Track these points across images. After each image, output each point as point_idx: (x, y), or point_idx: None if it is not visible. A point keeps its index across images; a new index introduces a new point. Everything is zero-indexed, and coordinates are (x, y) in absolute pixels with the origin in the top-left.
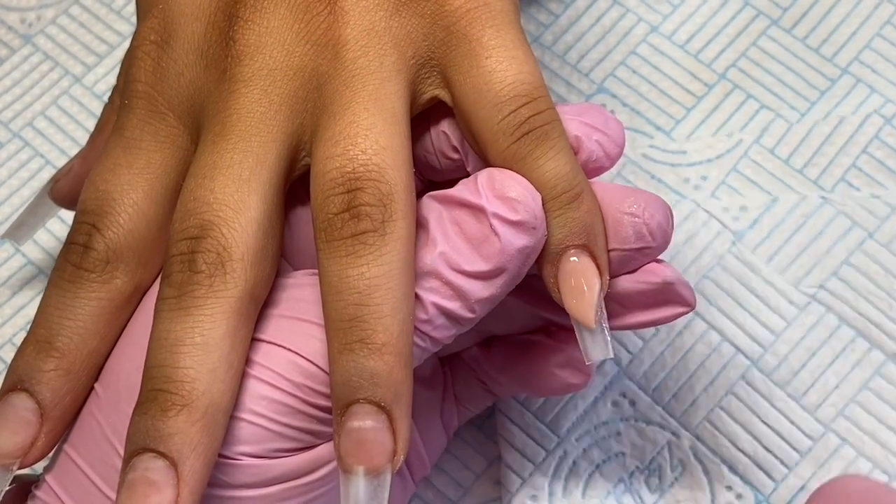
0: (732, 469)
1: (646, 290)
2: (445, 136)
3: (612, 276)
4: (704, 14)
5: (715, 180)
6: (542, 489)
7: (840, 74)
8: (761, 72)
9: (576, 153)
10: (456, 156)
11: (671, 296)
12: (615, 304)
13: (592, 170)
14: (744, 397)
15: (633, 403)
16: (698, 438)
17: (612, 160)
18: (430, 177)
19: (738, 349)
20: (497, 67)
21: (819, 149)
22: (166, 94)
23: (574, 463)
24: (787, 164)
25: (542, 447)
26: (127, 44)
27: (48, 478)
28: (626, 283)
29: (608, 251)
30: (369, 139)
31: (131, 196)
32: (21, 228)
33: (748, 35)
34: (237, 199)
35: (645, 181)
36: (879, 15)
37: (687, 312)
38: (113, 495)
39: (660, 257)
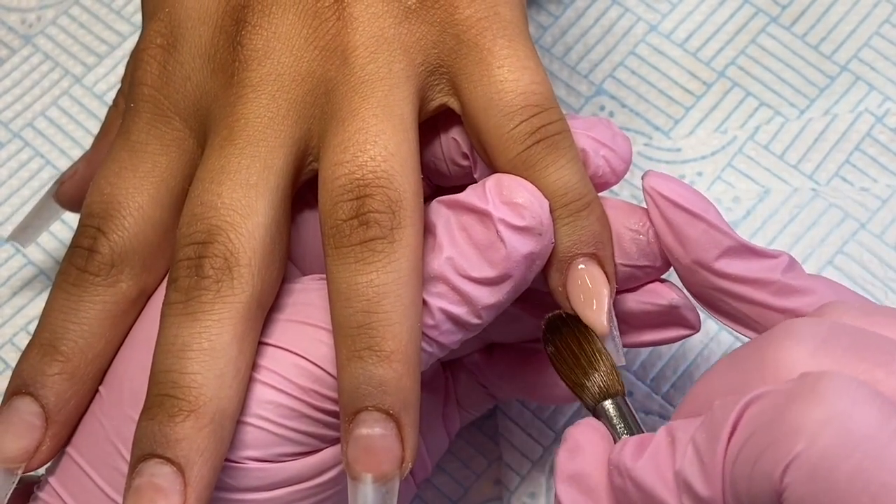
0: None
1: (651, 312)
2: (455, 143)
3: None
4: (703, 12)
5: (710, 176)
6: (539, 486)
7: (839, 72)
8: (760, 69)
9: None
10: (465, 162)
11: (676, 318)
12: (620, 323)
13: (597, 185)
14: None
15: (630, 394)
16: None
17: (618, 176)
18: (439, 182)
19: (737, 338)
20: (509, 77)
21: (813, 145)
22: (172, 97)
23: None
24: (781, 160)
25: (539, 444)
26: (127, 44)
27: (51, 479)
28: (632, 303)
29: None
30: (378, 145)
31: (136, 200)
32: (26, 231)
33: (747, 32)
34: (244, 204)
35: (640, 179)
36: (878, 13)
37: (691, 335)
38: (116, 497)
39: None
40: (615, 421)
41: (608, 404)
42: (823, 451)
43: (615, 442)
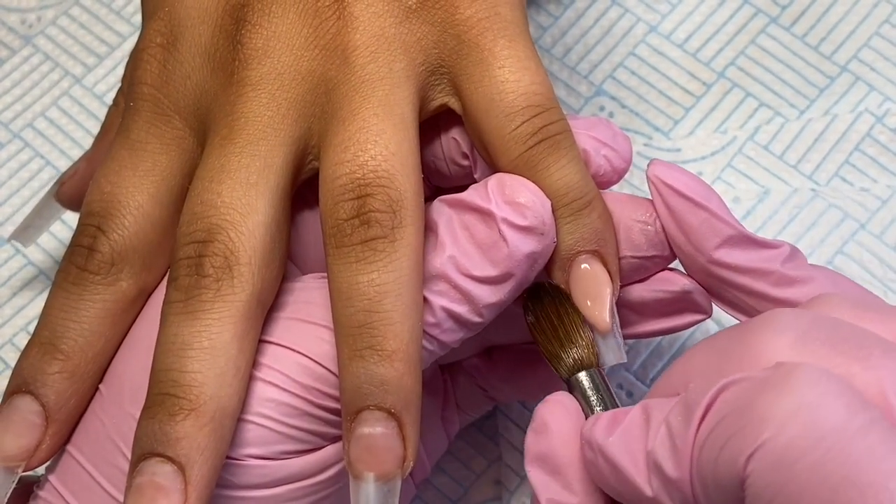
0: None
1: (663, 299)
2: (455, 143)
3: (624, 283)
4: (703, 12)
5: (710, 177)
6: None
7: (839, 72)
8: (760, 70)
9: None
10: (465, 162)
11: (688, 304)
12: (631, 313)
13: (599, 184)
14: None
15: (630, 394)
16: None
17: (620, 175)
18: (439, 183)
19: None
20: (509, 77)
21: (813, 145)
22: (172, 96)
23: None
24: (781, 160)
25: None
26: (127, 45)
27: (51, 478)
28: (644, 291)
29: (620, 258)
30: (379, 145)
31: (136, 198)
32: (27, 231)
33: (747, 33)
34: (245, 202)
35: (640, 178)
36: (878, 14)
37: (703, 320)
38: (117, 495)
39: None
40: (589, 393)
41: (582, 376)
42: (789, 442)
43: (587, 415)
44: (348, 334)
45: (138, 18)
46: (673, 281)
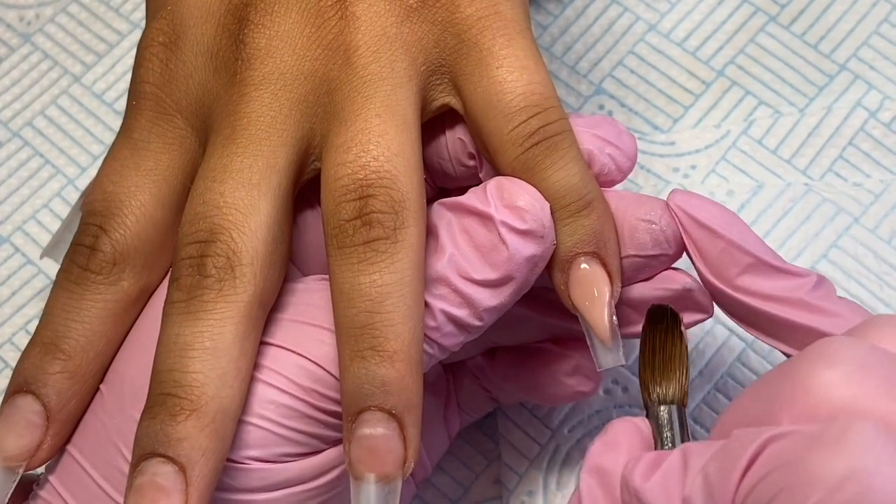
0: None
1: (665, 297)
2: (462, 143)
3: (628, 282)
4: (702, 11)
5: (704, 170)
6: (537, 484)
7: (838, 71)
8: (759, 68)
9: (587, 166)
10: (472, 163)
11: (690, 303)
12: (632, 312)
13: (603, 183)
14: (740, 379)
15: (625, 390)
16: (695, 421)
17: (624, 174)
18: (444, 184)
19: (732, 331)
20: (508, 77)
21: (806, 140)
22: (174, 95)
23: (567, 455)
24: (774, 155)
25: (536, 442)
26: (126, 42)
27: (51, 478)
28: (645, 290)
29: (625, 257)
30: (381, 146)
31: (138, 198)
32: (58, 246)
33: (746, 31)
34: (247, 203)
35: (634, 171)
36: (877, 12)
37: (705, 320)
38: (117, 496)
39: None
40: (664, 428)
41: (663, 409)
42: None
43: (655, 447)
44: (350, 335)
45: (137, 16)
46: (675, 279)
